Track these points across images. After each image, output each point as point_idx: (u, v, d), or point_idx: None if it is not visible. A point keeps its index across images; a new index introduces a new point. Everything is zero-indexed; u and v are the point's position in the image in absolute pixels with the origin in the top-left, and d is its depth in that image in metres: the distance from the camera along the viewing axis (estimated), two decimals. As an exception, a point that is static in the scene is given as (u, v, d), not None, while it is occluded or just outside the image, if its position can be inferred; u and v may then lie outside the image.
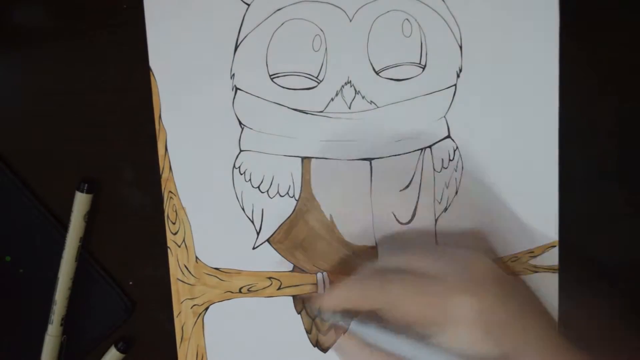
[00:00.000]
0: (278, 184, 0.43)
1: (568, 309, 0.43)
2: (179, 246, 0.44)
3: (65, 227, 0.44)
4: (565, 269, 0.43)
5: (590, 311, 0.43)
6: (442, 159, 0.43)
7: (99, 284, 0.45)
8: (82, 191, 0.43)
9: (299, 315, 0.45)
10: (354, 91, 0.42)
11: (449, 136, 0.43)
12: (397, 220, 0.43)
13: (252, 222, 0.44)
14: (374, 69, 0.42)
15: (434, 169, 0.43)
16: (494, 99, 0.42)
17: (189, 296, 0.45)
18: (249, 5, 0.42)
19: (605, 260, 0.43)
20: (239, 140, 0.43)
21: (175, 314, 0.45)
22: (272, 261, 0.44)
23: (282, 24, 0.42)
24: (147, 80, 0.43)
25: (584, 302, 0.43)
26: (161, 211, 0.44)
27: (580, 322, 0.43)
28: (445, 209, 0.43)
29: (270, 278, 0.44)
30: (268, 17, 0.42)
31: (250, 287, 0.44)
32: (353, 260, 0.44)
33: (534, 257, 0.43)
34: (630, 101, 0.42)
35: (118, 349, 0.45)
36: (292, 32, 0.42)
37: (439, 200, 0.43)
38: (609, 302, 0.43)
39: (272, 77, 0.42)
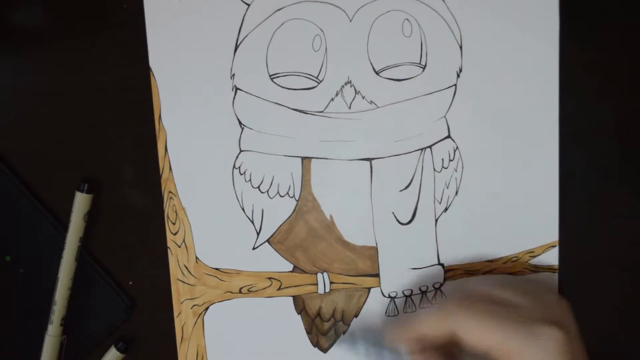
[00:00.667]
0: (278, 184, 0.43)
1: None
2: (179, 246, 0.44)
3: (65, 227, 0.44)
4: (565, 268, 0.43)
5: (591, 311, 0.43)
6: (442, 159, 0.43)
7: (99, 284, 0.45)
8: (82, 191, 0.43)
9: (299, 315, 0.45)
10: (354, 91, 0.42)
11: (449, 136, 0.43)
12: (397, 220, 0.43)
13: (252, 222, 0.44)
14: (374, 69, 0.42)
15: (434, 169, 0.43)
16: (494, 99, 0.42)
17: (189, 296, 0.45)
18: (249, 5, 0.42)
19: (605, 260, 0.43)
20: (239, 140, 0.43)
21: (175, 314, 0.45)
22: (272, 261, 0.44)
23: (282, 24, 0.42)
24: (147, 81, 0.43)
25: (583, 302, 0.43)
26: (161, 211, 0.44)
27: (580, 322, 0.43)
28: (446, 209, 0.43)
29: (270, 278, 0.44)
30: (268, 17, 0.42)
31: (251, 288, 0.44)
32: (353, 261, 0.44)
33: (534, 257, 0.43)
34: (631, 101, 0.42)
35: (118, 349, 0.45)
36: (292, 32, 0.42)
37: (439, 201, 0.43)
38: (609, 302, 0.43)
39: (272, 77, 0.42)
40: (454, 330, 0.36)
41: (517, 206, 0.43)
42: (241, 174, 0.43)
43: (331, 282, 0.44)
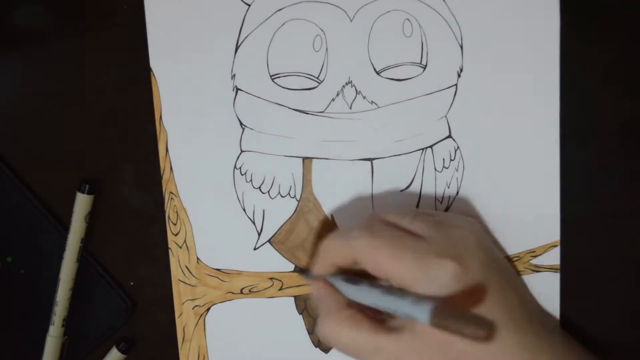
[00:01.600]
0: (279, 185, 0.43)
1: (570, 309, 0.43)
2: (180, 247, 0.44)
3: (66, 228, 0.43)
4: (567, 268, 0.43)
5: (592, 311, 0.43)
6: (443, 159, 0.43)
7: (100, 285, 0.45)
8: (83, 192, 0.43)
9: (301, 315, 0.45)
10: (354, 91, 0.42)
11: (449, 136, 0.43)
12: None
13: (253, 222, 0.44)
14: (374, 69, 0.42)
15: (435, 169, 0.43)
16: (495, 98, 0.42)
17: (190, 297, 0.45)
18: (249, 5, 0.42)
19: (607, 259, 0.43)
20: (240, 140, 0.43)
21: (176, 314, 0.45)
22: (273, 262, 0.44)
23: (283, 24, 0.42)
24: (148, 81, 0.43)
25: (585, 302, 0.43)
26: (162, 212, 0.44)
27: (581, 322, 0.43)
28: (447, 209, 0.43)
29: (271, 279, 0.44)
30: (269, 17, 0.42)
31: (252, 288, 0.44)
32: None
33: (536, 256, 0.43)
34: (632, 100, 0.42)
35: (119, 350, 0.45)
36: (293, 32, 0.42)
37: (440, 200, 0.43)
38: (611, 302, 0.43)
39: (272, 77, 0.42)
40: (358, 259, 0.37)
41: (519, 206, 0.43)
42: (242, 175, 0.43)
43: (332, 282, 0.44)
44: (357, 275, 0.38)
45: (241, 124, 0.43)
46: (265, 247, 0.44)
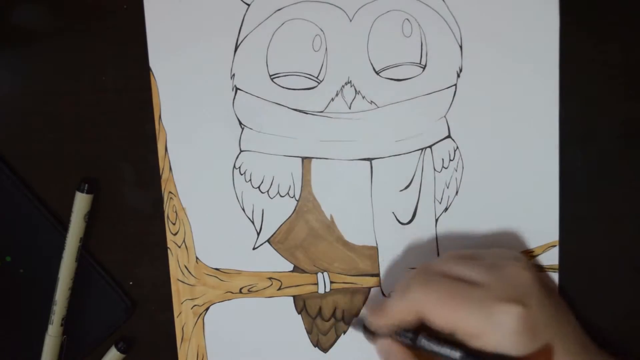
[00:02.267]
0: (278, 184, 0.43)
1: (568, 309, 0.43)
2: (179, 247, 0.44)
3: (65, 227, 0.44)
4: (565, 268, 0.43)
5: (591, 311, 0.43)
6: (443, 159, 0.43)
7: (99, 284, 0.45)
8: (82, 191, 0.43)
9: (300, 315, 0.45)
10: (354, 91, 0.42)
11: (449, 136, 0.43)
12: (398, 220, 0.43)
13: (253, 222, 0.44)
14: (374, 69, 0.42)
15: (435, 169, 0.43)
16: (495, 98, 0.42)
17: (190, 296, 0.45)
18: (249, 5, 0.42)
19: (605, 259, 0.43)
20: (239, 140, 0.43)
21: (175, 314, 0.45)
22: (272, 261, 0.44)
23: (282, 24, 0.42)
24: (147, 81, 0.43)
25: (584, 302, 0.43)
26: (161, 212, 0.44)
27: (580, 322, 0.43)
28: (446, 209, 0.43)
29: (270, 278, 0.44)
30: (268, 17, 0.42)
31: (251, 288, 0.44)
32: (353, 261, 0.44)
33: (535, 256, 0.43)
34: (632, 100, 0.42)
35: (118, 349, 0.45)
36: (292, 32, 0.42)
37: (440, 200, 0.43)
38: (609, 302, 0.43)
39: (272, 77, 0.42)
40: (421, 315, 0.37)
41: (517, 206, 0.43)
42: (241, 174, 0.43)
43: (331, 282, 0.44)
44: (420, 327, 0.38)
45: (240, 123, 0.43)
46: (265, 247, 0.44)
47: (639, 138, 0.42)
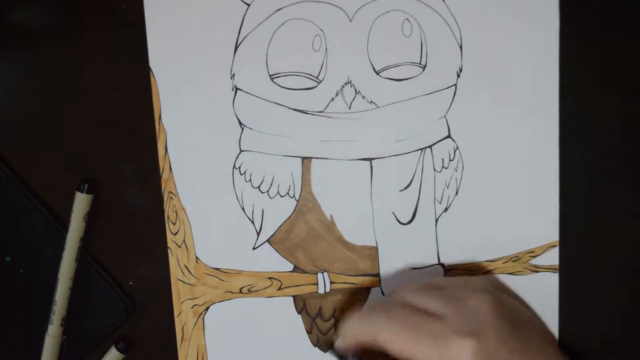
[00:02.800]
0: (278, 184, 0.43)
1: (568, 309, 0.43)
2: (179, 246, 0.44)
3: (65, 227, 0.44)
4: (565, 268, 0.43)
5: (591, 311, 0.43)
6: (443, 159, 0.43)
7: (99, 284, 0.45)
8: (82, 191, 0.43)
9: (299, 315, 0.45)
10: (354, 91, 0.42)
11: (449, 136, 0.43)
12: (398, 220, 0.43)
13: (253, 222, 0.44)
14: (374, 69, 0.42)
15: (435, 169, 0.43)
16: (495, 98, 0.42)
17: (190, 296, 0.45)
18: (249, 5, 0.42)
19: (605, 259, 0.43)
20: (239, 140, 0.43)
21: (175, 314, 0.45)
22: (272, 261, 0.44)
23: (282, 24, 0.42)
24: (147, 81, 0.43)
25: (584, 302, 0.43)
26: (161, 211, 0.44)
27: (580, 322, 0.43)
28: (446, 209, 0.43)
29: (270, 278, 0.44)
30: (268, 17, 0.42)
31: (251, 288, 0.44)
32: (353, 260, 0.44)
33: (535, 256, 0.43)
34: (631, 100, 0.42)
35: (118, 349, 0.45)
36: (292, 32, 0.42)
37: (440, 200, 0.43)
38: (609, 302, 0.43)
39: (272, 77, 0.42)
40: (376, 339, 0.38)
41: (517, 206, 0.43)
42: (241, 174, 0.43)
43: (331, 282, 0.44)
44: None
45: (240, 123, 0.43)
46: (265, 247, 0.44)
47: (639, 138, 0.42)
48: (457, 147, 0.43)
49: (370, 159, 0.43)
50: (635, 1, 0.41)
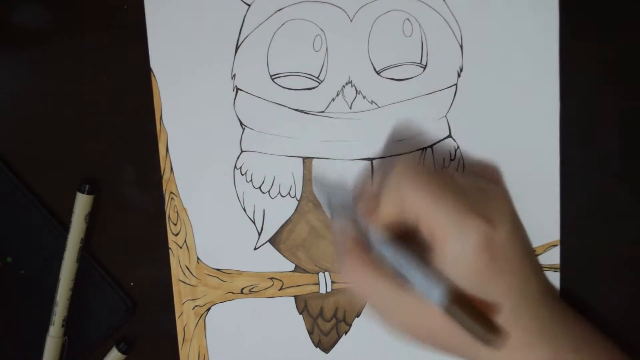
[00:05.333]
0: (279, 185, 0.43)
1: (569, 308, 0.43)
2: (180, 247, 0.44)
3: (66, 228, 0.43)
4: (566, 268, 0.43)
5: (592, 311, 0.43)
6: (443, 159, 0.43)
7: (100, 285, 0.45)
8: (83, 192, 0.43)
9: (301, 315, 0.45)
10: (354, 91, 0.42)
11: (449, 136, 0.43)
12: None
13: (254, 222, 0.44)
14: (374, 69, 0.42)
15: (435, 169, 0.43)
16: (495, 98, 0.42)
17: (191, 297, 0.45)
18: (249, 5, 0.42)
19: (606, 259, 0.43)
20: (240, 140, 0.43)
21: (176, 314, 0.45)
22: (273, 261, 0.44)
23: (283, 24, 0.42)
24: (148, 81, 0.43)
25: (585, 302, 0.43)
26: (162, 212, 0.44)
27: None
28: (447, 209, 0.43)
29: (271, 278, 0.44)
30: (269, 17, 0.42)
31: (252, 288, 0.44)
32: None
33: (536, 256, 0.43)
34: (632, 100, 0.42)
35: (119, 350, 0.45)
36: (293, 32, 0.42)
37: (441, 200, 0.43)
38: (610, 301, 0.43)
39: (273, 77, 0.42)
40: (404, 208, 0.36)
41: (518, 205, 0.42)
42: (242, 175, 0.43)
43: (333, 282, 0.44)
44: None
45: (241, 123, 0.43)
46: (266, 247, 0.44)
47: (639, 138, 0.42)
48: (458, 147, 0.43)
49: (371, 159, 0.43)
50: (635, 1, 0.41)
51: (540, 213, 0.43)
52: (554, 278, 0.43)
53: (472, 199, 0.36)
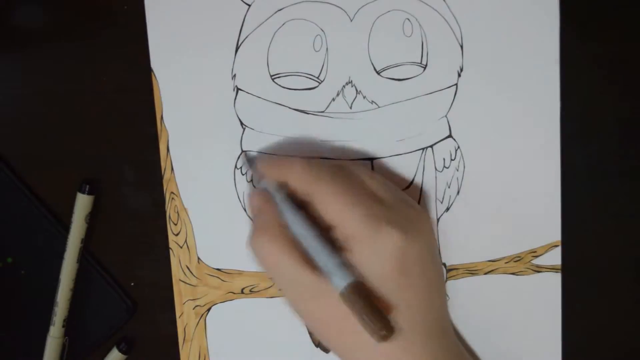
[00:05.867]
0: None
1: (571, 310, 0.43)
2: (181, 247, 0.44)
3: (66, 228, 0.43)
4: (568, 268, 0.43)
5: (594, 311, 0.43)
6: (444, 159, 0.43)
7: (101, 285, 0.45)
8: (83, 192, 0.43)
9: (301, 315, 0.45)
10: (355, 91, 0.42)
11: (450, 136, 0.43)
12: None
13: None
14: (375, 69, 0.42)
15: (436, 169, 0.43)
16: (496, 98, 0.42)
17: (191, 297, 0.45)
18: (249, 5, 0.42)
19: (608, 259, 0.43)
20: (241, 140, 0.43)
21: (177, 315, 0.45)
22: (274, 262, 0.44)
23: (283, 24, 0.42)
24: (149, 81, 0.43)
25: (587, 302, 0.43)
26: (163, 212, 0.44)
27: (583, 323, 0.43)
28: (447, 209, 0.43)
29: (272, 278, 0.44)
30: (269, 17, 0.42)
31: (253, 288, 0.44)
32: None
33: (537, 256, 0.43)
34: (632, 100, 0.42)
35: (120, 350, 0.45)
36: (293, 32, 0.42)
37: (441, 200, 0.43)
38: (612, 302, 0.43)
39: (273, 77, 0.42)
40: (310, 191, 0.37)
41: (519, 205, 0.43)
42: (243, 174, 0.43)
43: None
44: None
45: (242, 123, 0.43)
46: (266, 247, 0.44)
47: (639, 138, 0.42)
48: (459, 147, 0.43)
49: (371, 159, 0.43)
50: (635, 1, 0.41)
51: (542, 213, 0.43)
52: (556, 279, 0.43)
53: (393, 210, 0.36)
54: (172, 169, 0.44)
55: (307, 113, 0.43)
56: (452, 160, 0.43)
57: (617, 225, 0.43)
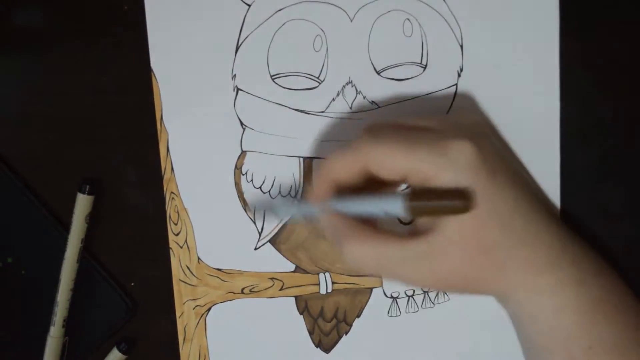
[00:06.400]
0: (280, 185, 0.43)
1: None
2: (181, 247, 0.44)
3: (66, 228, 0.43)
4: (567, 268, 0.43)
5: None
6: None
7: (101, 285, 0.45)
8: (83, 192, 0.43)
9: (301, 315, 0.45)
10: (355, 91, 0.42)
11: (450, 136, 0.43)
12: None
13: (254, 222, 0.44)
14: (375, 69, 0.42)
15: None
16: (495, 98, 0.42)
17: (191, 297, 0.45)
18: (249, 6, 0.42)
19: (607, 259, 0.43)
20: (241, 140, 0.43)
21: (177, 314, 0.45)
22: (274, 262, 0.44)
23: (283, 25, 0.42)
24: (149, 82, 0.43)
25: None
26: (163, 212, 0.44)
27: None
28: (447, 209, 0.43)
29: (272, 279, 0.44)
30: (269, 17, 0.42)
31: (253, 288, 0.45)
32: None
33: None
34: (632, 100, 0.42)
35: (120, 350, 0.45)
36: (293, 32, 0.42)
37: (441, 200, 0.43)
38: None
39: (273, 77, 0.42)
40: (367, 166, 0.35)
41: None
42: (243, 174, 0.43)
43: (333, 282, 0.44)
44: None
45: (242, 124, 0.43)
46: (266, 247, 0.44)
47: (639, 138, 0.42)
48: (458, 147, 0.43)
49: (371, 159, 0.43)
50: (635, 1, 0.41)
51: (541, 213, 0.43)
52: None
53: (443, 128, 0.35)
54: (172, 169, 0.44)
55: (307, 113, 0.43)
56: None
57: (616, 226, 0.43)
